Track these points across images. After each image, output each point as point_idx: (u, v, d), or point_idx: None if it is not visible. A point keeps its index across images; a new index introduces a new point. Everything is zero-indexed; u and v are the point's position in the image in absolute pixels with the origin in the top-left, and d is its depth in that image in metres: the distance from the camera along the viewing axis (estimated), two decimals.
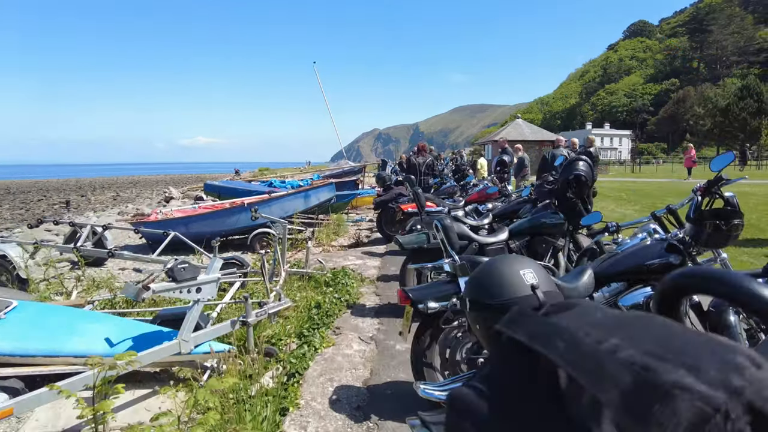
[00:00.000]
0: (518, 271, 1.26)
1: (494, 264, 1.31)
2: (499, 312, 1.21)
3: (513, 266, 1.28)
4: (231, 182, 13.05)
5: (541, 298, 1.20)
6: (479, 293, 1.25)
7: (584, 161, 4.26)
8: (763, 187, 15.00)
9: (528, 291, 1.22)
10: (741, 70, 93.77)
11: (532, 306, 1.08)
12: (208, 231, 8.19)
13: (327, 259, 7.12)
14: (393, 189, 8.49)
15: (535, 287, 1.22)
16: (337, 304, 4.69)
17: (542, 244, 4.30)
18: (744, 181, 3.63)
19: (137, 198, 29.12)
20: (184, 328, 3.34)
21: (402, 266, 4.31)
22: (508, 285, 1.23)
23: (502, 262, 1.31)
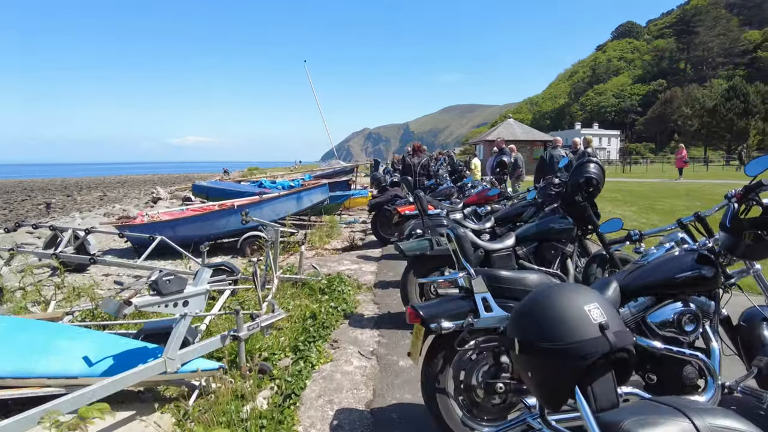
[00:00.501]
0: (582, 307, 1.02)
1: (550, 297, 1.06)
2: (561, 357, 0.98)
3: (575, 300, 1.04)
4: (220, 183, 12.71)
5: (612, 342, 0.97)
6: (534, 334, 1.01)
7: (595, 163, 4.05)
8: None
9: (595, 331, 0.98)
10: (727, 71, 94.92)
11: (601, 351, 0.84)
12: (196, 234, 7.88)
13: (321, 263, 6.86)
14: (389, 190, 8.24)
15: (605, 327, 0.98)
16: (333, 314, 4.44)
17: (551, 250, 4.09)
18: None
19: (125, 198, 28.59)
20: (170, 346, 3.07)
21: (403, 275, 4.07)
22: (571, 325, 0.99)
23: (561, 294, 1.07)
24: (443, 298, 2.37)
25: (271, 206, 7.80)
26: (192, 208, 9.26)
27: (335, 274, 5.75)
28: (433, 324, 2.20)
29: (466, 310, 2.25)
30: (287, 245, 7.77)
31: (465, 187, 8.16)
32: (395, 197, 7.96)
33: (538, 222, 4.18)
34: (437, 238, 4.01)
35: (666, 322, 2.35)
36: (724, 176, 23.43)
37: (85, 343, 3.29)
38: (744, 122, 47.30)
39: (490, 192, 6.39)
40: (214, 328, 4.25)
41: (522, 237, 4.15)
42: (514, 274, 2.31)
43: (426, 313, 2.23)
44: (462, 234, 2.38)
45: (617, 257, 4.27)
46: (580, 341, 0.96)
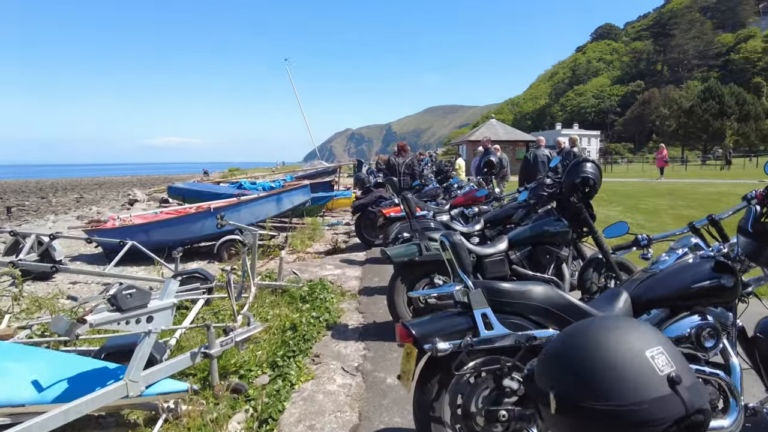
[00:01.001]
0: (643, 352, 0.75)
1: (597, 336, 0.79)
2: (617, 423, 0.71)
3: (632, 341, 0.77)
4: (197, 184, 12.26)
5: (687, 402, 0.70)
6: (577, 389, 0.74)
7: (592, 162, 3.85)
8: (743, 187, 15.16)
9: (663, 387, 0.72)
10: (701, 73, 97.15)
11: (674, 415, 0.58)
12: (170, 239, 7.50)
13: (302, 268, 6.55)
14: (373, 191, 7.97)
15: (676, 381, 0.72)
16: (315, 325, 4.15)
17: (546, 254, 3.86)
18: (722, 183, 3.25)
19: (102, 200, 27.78)
20: (132, 367, 2.75)
21: (390, 283, 3.80)
22: (629, 377, 0.72)
23: (611, 333, 0.79)
24: (437, 314, 2.11)
25: (249, 208, 7.45)
26: (166, 211, 8.84)
27: (317, 281, 5.45)
28: (428, 344, 1.94)
29: (464, 327, 1.99)
30: (267, 249, 7.44)
31: (451, 187, 7.94)
32: (380, 198, 7.69)
33: (531, 224, 3.96)
34: (426, 242, 3.75)
35: (682, 338, 2.13)
36: (704, 176, 23.75)
37: (37, 364, 2.95)
38: (719, 123, 48.31)
39: (478, 193, 6.17)
40: (186, 343, 3.93)
41: (515, 240, 3.92)
42: (518, 286, 2.06)
43: (419, 331, 1.97)
44: (458, 242, 2.12)
45: (614, 261, 4.07)
46: (644, 402, 0.70)
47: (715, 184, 16.25)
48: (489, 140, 10.79)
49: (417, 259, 3.69)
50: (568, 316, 2.05)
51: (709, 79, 69.67)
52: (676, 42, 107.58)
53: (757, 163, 32.78)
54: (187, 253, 8.39)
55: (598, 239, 4.04)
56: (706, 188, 14.82)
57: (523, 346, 1.98)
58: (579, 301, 2.12)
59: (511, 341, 1.99)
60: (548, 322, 2.05)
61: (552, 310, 2.04)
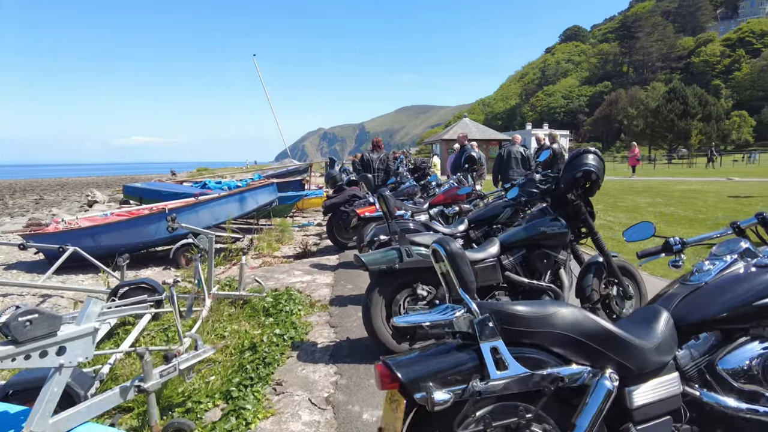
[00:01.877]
0: None
1: None
2: None
3: None
4: (155, 184, 11.41)
5: None
6: None
7: (594, 154, 3.38)
8: (715, 184, 15.25)
9: None
10: (665, 75, 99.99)
11: None
12: (121, 243, 6.76)
13: (268, 275, 5.93)
14: (345, 190, 7.40)
15: None
16: (278, 345, 3.56)
17: (542, 259, 3.38)
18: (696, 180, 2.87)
19: (64, 201, 26.27)
20: (37, 412, 2.12)
21: (366, 295, 3.25)
22: None
23: None
24: (431, 347, 1.57)
25: (209, 209, 6.77)
26: (118, 213, 8.05)
27: (283, 290, 4.85)
28: (420, 393, 1.40)
29: (469, 367, 1.46)
30: (229, 253, 6.78)
31: (429, 185, 7.45)
32: (353, 197, 7.13)
33: (525, 225, 3.47)
34: (407, 246, 3.22)
35: (741, 371, 1.66)
36: (674, 174, 24.09)
37: None
38: (684, 123, 49.62)
39: (460, 191, 5.68)
40: (123, 370, 3.30)
41: (508, 243, 3.43)
42: (537, 309, 1.54)
43: (407, 375, 1.42)
44: (457, 251, 1.59)
45: (616, 265, 3.64)
46: None
47: (688, 182, 16.34)
48: (465, 137, 10.35)
49: (397, 267, 3.15)
50: (602, 348, 1.55)
51: (672, 80, 71.73)
52: (641, 44, 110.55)
53: (722, 162, 33.64)
54: (142, 258, 7.65)
55: (599, 241, 3.60)
56: (680, 186, 14.83)
57: (546, 391, 1.47)
58: (613, 325, 1.62)
59: (532, 384, 1.48)
60: (576, 356, 1.55)
61: (583, 340, 1.54)
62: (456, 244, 1.58)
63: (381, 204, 3.43)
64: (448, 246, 1.57)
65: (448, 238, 1.62)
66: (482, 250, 3.38)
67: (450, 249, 1.57)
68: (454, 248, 1.57)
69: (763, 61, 79.56)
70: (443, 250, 1.58)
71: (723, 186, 14.30)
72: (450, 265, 1.56)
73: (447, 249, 1.57)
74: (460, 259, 1.56)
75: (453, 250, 1.56)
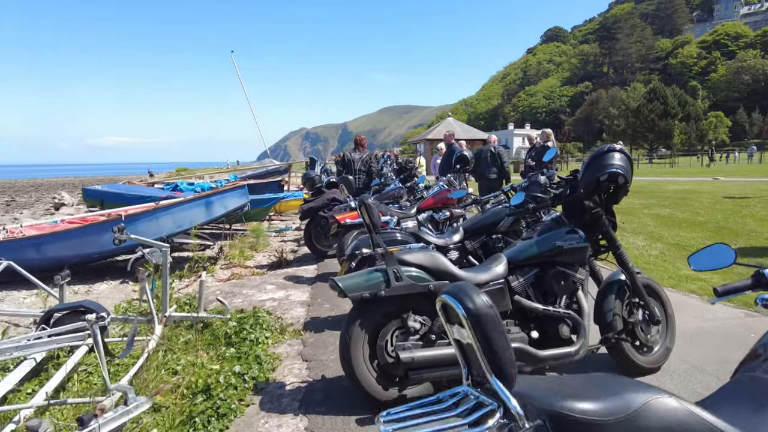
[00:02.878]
0: None
1: None
2: None
3: None
4: (118, 186, 10.56)
5: None
6: None
7: (621, 153, 2.80)
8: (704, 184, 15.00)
9: None
10: (644, 75, 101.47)
11: None
12: (71, 255, 5.98)
13: (236, 290, 5.25)
14: (325, 193, 6.74)
15: None
16: (237, 387, 2.90)
17: (559, 279, 2.79)
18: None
19: (37, 203, 25.04)
20: None
21: (345, 328, 2.59)
22: None
23: None
24: None
25: (171, 215, 6.03)
26: (69, 220, 7.25)
27: (250, 311, 4.17)
28: None
29: None
30: (195, 264, 6.06)
31: (416, 187, 6.84)
32: (333, 201, 6.47)
33: (537, 239, 2.87)
34: (395, 267, 2.59)
35: None
36: (659, 173, 23.98)
37: None
38: (664, 122, 50.07)
39: (453, 194, 5.08)
40: None
41: (516, 261, 2.83)
42: (616, 402, 0.93)
43: None
44: (487, 313, 0.95)
45: (641, 284, 3.08)
46: None
47: (677, 182, 16.07)
48: (452, 135, 9.78)
49: (383, 294, 2.52)
50: None
51: (651, 81, 72.59)
52: (620, 45, 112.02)
53: (702, 162, 33.86)
54: (98, 270, 6.87)
55: (622, 255, 3.02)
56: (671, 186, 14.52)
57: None
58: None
59: None
60: None
61: None
62: (483, 298, 0.96)
63: (363, 214, 2.80)
64: (472, 303, 0.95)
65: (467, 286, 1.00)
66: (486, 269, 2.78)
67: (475, 309, 0.94)
68: (481, 307, 0.94)
69: (738, 63, 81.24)
70: (462, 309, 0.96)
71: (713, 186, 14.04)
72: (475, 334, 0.94)
73: (470, 308, 0.95)
74: (492, 325, 0.94)
75: (480, 311, 0.94)
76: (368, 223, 2.77)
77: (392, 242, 3.77)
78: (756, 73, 78.40)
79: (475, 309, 0.95)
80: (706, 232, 7.46)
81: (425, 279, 2.62)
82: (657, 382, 2.93)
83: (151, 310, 3.69)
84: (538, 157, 8.06)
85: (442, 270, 2.66)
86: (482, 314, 0.95)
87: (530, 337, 2.72)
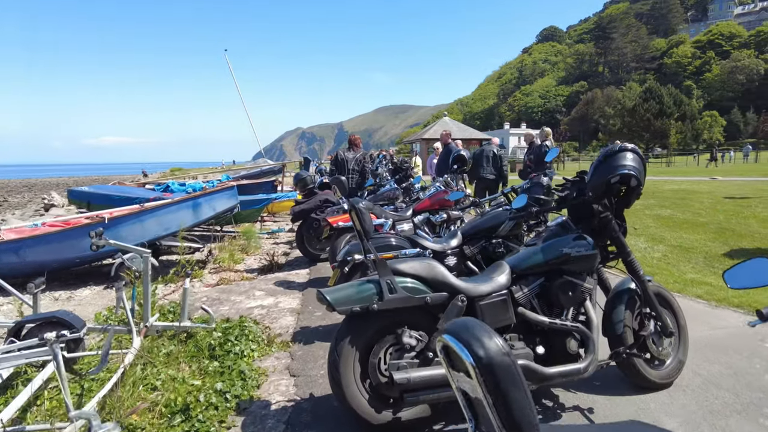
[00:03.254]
0: None
1: None
2: None
3: None
4: (106, 187, 10.26)
5: None
6: None
7: (633, 152, 2.59)
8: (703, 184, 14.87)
9: None
10: (639, 75, 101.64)
11: None
12: (50, 259, 5.73)
13: (224, 296, 5.01)
14: (317, 194, 6.51)
15: None
16: (218, 407, 2.67)
17: (567, 290, 2.58)
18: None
19: (29, 204, 24.72)
20: None
21: (334, 344, 2.37)
22: None
23: None
24: None
25: (156, 218, 5.78)
26: (50, 223, 6.98)
27: (236, 320, 3.94)
28: None
29: None
30: (182, 268, 5.82)
31: (412, 188, 6.62)
32: (325, 203, 6.25)
33: (542, 245, 2.66)
34: (389, 277, 2.36)
35: None
36: (656, 173, 23.86)
37: None
38: (660, 122, 50.07)
39: (451, 196, 4.87)
40: None
41: (521, 270, 2.62)
42: None
43: None
44: (505, 367, 0.73)
45: (652, 292, 2.88)
46: None
47: (675, 182, 15.93)
48: (449, 134, 9.58)
49: (376, 308, 2.29)
50: None
51: (647, 80, 72.70)
52: (616, 45, 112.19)
53: (698, 161, 33.84)
54: (81, 274, 6.61)
55: (633, 263, 2.82)
56: (669, 186, 14.36)
57: None
58: None
59: None
60: None
61: None
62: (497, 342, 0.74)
63: (354, 219, 2.58)
64: (483, 350, 0.72)
65: (476, 325, 0.79)
66: (488, 279, 2.56)
67: (488, 358, 0.71)
68: (495, 355, 0.71)
69: (732, 63, 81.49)
70: (470, 357, 0.73)
71: (712, 186, 13.90)
72: (486, 389, 0.72)
73: (481, 357, 0.72)
74: (509, 379, 0.71)
75: (494, 360, 0.71)
76: (359, 230, 2.54)
77: (386, 248, 3.55)
78: (750, 72, 78.69)
79: (487, 358, 0.73)
80: (708, 233, 7.28)
81: (422, 291, 2.40)
82: (670, 399, 2.73)
83: (129, 321, 3.46)
84: (536, 158, 7.88)
85: (440, 280, 2.44)
86: (496, 364, 0.73)
87: (535, 353, 2.51)
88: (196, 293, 5.33)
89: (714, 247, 6.48)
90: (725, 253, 6.20)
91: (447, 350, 0.83)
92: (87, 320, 4.72)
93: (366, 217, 2.57)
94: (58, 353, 2.19)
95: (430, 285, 2.43)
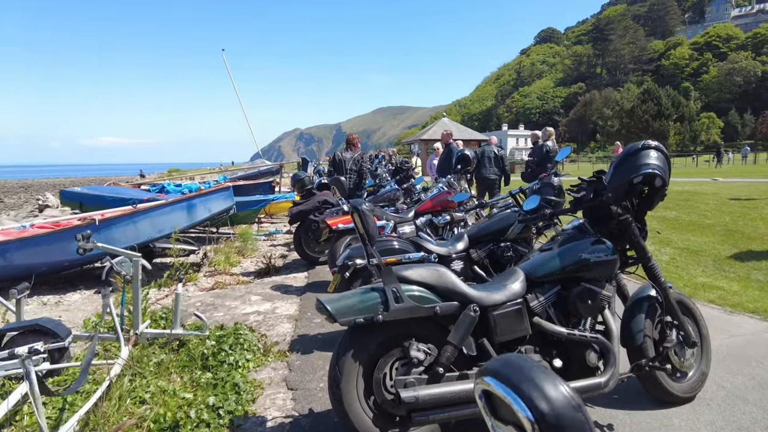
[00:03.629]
0: None
1: None
2: None
3: None
4: (99, 188, 10.04)
5: None
6: None
7: (657, 150, 2.41)
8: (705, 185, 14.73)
9: None
10: (636, 77, 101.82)
11: None
12: (38, 263, 5.52)
13: (218, 301, 4.81)
14: (316, 195, 6.32)
15: None
16: (210, 424, 2.48)
17: (586, 298, 2.39)
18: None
19: (25, 204, 24.43)
20: None
21: (335, 358, 2.18)
22: None
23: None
24: None
25: (149, 219, 5.57)
26: (39, 224, 6.76)
27: (231, 327, 3.74)
28: None
29: None
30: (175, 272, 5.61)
31: (413, 189, 6.44)
32: (324, 204, 6.06)
33: (559, 250, 2.47)
34: (395, 285, 2.18)
35: None
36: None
37: None
38: (659, 123, 50.05)
39: (453, 197, 4.68)
40: None
41: (535, 277, 2.43)
42: None
43: None
44: (576, 420, 0.57)
45: (674, 299, 2.70)
46: None
47: (678, 183, 15.73)
48: (450, 134, 9.40)
49: (381, 319, 2.10)
50: None
51: (644, 82, 72.77)
52: (613, 47, 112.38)
53: (697, 163, 33.76)
54: (71, 277, 6.40)
55: (653, 268, 2.64)
56: (672, 187, 14.09)
57: None
58: None
59: None
60: None
61: None
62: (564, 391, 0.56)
63: (357, 222, 2.39)
64: (547, 403, 0.52)
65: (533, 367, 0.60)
66: (501, 287, 2.37)
67: (554, 413, 0.51)
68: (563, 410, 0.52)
69: (730, 65, 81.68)
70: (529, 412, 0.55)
71: (715, 187, 13.75)
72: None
73: (545, 413, 0.51)
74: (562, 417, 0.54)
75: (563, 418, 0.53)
76: (362, 234, 2.35)
77: (389, 251, 3.37)
78: (747, 74, 78.89)
79: (554, 414, 0.55)
80: (716, 236, 7.12)
81: (430, 300, 2.21)
82: (695, 415, 2.54)
83: (117, 330, 3.26)
84: (538, 159, 7.72)
85: (449, 288, 2.25)
86: (567, 424, 0.54)
87: (552, 367, 2.33)
88: (190, 297, 5.13)
89: (723, 250, 6.31)
90: (735, 255, 6.04)
91: (489, 396, 0.65)
92: (75, 326, 4.53)
93: (369, 220, 2.38)
94: (31, 370, 2.00)
95: (439, 293, 2.24)
